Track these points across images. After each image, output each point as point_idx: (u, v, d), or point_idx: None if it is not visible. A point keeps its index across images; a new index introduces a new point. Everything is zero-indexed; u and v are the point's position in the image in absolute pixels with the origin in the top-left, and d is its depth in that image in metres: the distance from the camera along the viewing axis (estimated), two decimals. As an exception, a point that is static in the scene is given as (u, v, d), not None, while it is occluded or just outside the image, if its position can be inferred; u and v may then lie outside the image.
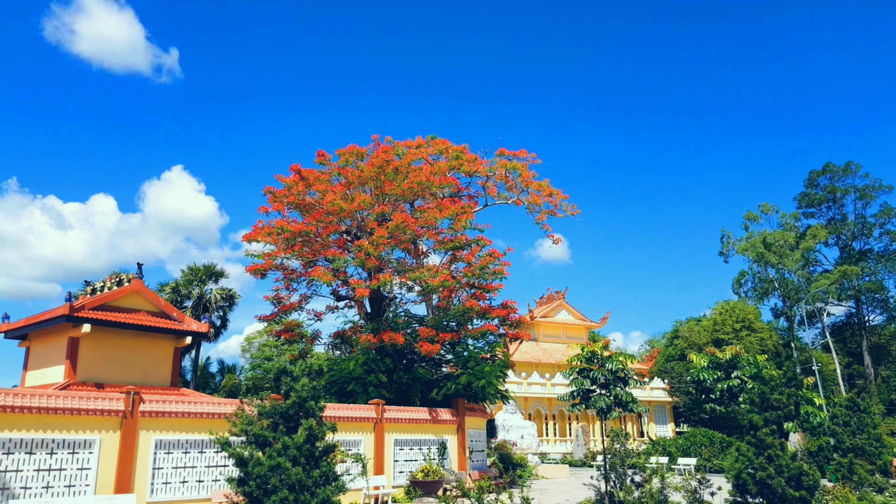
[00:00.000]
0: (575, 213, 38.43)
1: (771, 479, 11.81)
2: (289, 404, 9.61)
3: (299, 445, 9.19)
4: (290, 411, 9.64)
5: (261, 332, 59.94)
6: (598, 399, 14.51)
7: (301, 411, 9.67)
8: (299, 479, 8.73)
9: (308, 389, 9.70)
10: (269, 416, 9.83)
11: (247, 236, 28.37)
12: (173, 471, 18.55)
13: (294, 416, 9.71)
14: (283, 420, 9.75)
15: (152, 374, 24.23)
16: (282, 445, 9.15)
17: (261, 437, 9.30)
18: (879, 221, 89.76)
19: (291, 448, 9.09)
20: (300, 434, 9.31)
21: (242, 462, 9.32)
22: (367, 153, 29.97)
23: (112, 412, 17.41)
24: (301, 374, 9.97)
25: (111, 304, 23.72)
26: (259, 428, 9.48)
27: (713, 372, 16.14)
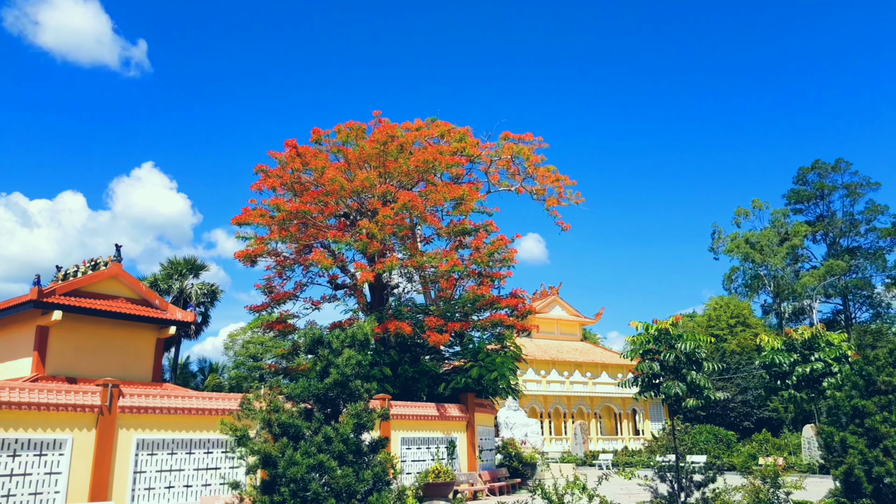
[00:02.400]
0: (579, 201, 36.48)
1: (890, 476, 9.91)
2: (328, 384, 7.42)
3: (346, 437, 7.04)
4: (331, 393, 7.45)
5: (244, 329, 57.33)
6: (670, 386, 12.50)
7: (344, 394, 7.51)
8: (348, 482, 6.58)
9: (352, 365, 7.53)
10: (302, 400, 7.62)
11: (236, 219, 26.01)
12: (157, 475, 16.21)
13: (334, 401, 7.55)
14: (319, 405, 7.59)
15: (132, 368, 21.80)
16: (323, 438, 6.96)
17: (292, 427, 7.11)
18: (866, 218, 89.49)
19: (336, 441, 6.91)
20: (346, 422, 7.15)
21: (270, 461, 7.10)
22: (366, 131, 27.75)
23: (86, 407, 15.05)
24: (341, 346, 7.82)
25: (86, 290, 21.26)
26: (289, 416, 7.31)
27: (788, 355, 14.43)
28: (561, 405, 57.63)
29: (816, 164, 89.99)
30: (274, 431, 7.49)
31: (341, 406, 7.53)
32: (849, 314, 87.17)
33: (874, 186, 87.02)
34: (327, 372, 7.63)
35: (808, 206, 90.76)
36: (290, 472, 6.57)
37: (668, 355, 12.53)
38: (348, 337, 7.86)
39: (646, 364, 13.08)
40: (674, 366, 12.60)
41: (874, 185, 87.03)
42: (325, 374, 7.68)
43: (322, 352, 7.74)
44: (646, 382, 13.54)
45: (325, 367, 7.66)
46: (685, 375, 12.56)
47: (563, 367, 59.67)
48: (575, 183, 35.06)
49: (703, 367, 12.77)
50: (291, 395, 7.68)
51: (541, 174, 34.56)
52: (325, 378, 7.53)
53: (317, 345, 7.94)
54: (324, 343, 7.93)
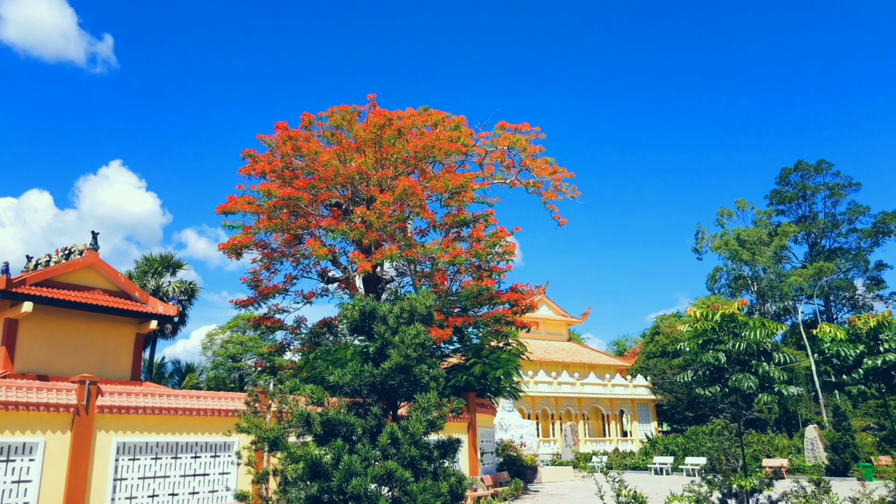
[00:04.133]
0: (575, 195, 35.31)
1: None
2: (386, 370, 5.96)
3: (417, 439, 5.59)
4: (391, 382, 5.98)
5: (223, 328, 55.38)
6: (741, 379, 11.18)
7: (407, 382, 6.07)
8: (426, 500, 5.14)
9: (415, 345, 6.08)
10: (352, 391, 6.10)
11: (221, 207, 24.36)
12: (140, 482, 14.60)
13: (393, 391, 6.08)
14: (375, 397, 6.14)
15: (109, 365, 20.08)
16: (389, 439, 5.50)
17: (343, 426, 5.62)
18: (848, 219, 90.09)
19: (405, 444, 5.45)
20: (416, 419, 5.68)
21: (320, 471, 5.59)
22: (359, 116, 26.23)
23: (61, 407, 13.42)
24: (396, 322, 6.36)
25: (59, 280, 19.53)
26: (336, 412, 5.82)
27: (854, 346, 13.29)
28: (549, 406, 56.47)
29: (799, 164, 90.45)
30: (315, 431, 6.02)
31: (400, 398, 6.10)
32: (830, 315, 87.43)
33: (856, 187, 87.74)
34: (384, 354, 6.11)
35: (791, 206, 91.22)
36: (352, 486, 5.07)
37: (738, 344, 11.27)
38: (406, 311, 6.43)
39: (710, 354, 11.76)
40: (738, 357, 11.36)
41: (856, 186, 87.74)
42: (381, 357, 6.16)
43: (377, 328, 6.25)
44: (707, 376, 12.24)
45: (380, 347, 6.14)
46: (755, 368, 11.31)
47: (550, 367, 58.56)
48: (573, 175, 33.81)
49: (772, 359, 11.53)
50: (337, 386, 6.17)
51: (538, 166, 33.28)
52: (383, 362, 6.05)
53: (367, 320, 6.48)
54: (377, 317, 6.45)
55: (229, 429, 14.14)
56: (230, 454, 16.31)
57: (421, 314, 6.36)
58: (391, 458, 5.51)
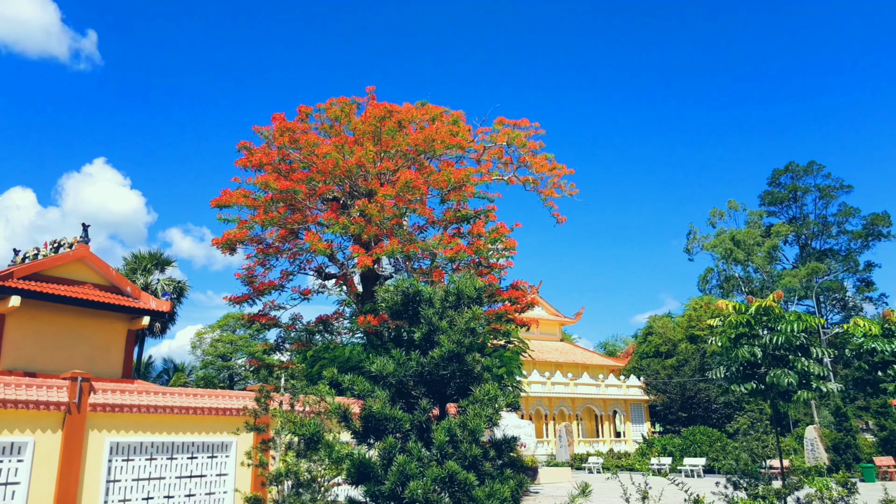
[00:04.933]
0: (573, 193, 34.86)
1: None
2: (436, 358, 5.35)
3: (477, 437, 4.99)
4: (443, 371, 5.37)
5: (212, 327, 54.57)
6: (780, 375, 10.65)
7: (459, 372, 5.46)
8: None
9: (465, 331, 5.48)
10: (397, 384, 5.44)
11: (216, 201, 23.66)
12: (134, 484, 13.94)
13: (443, 383, 5.47)
14: (424, 389, 5.52)
15: (99, 363, 19.34)
16: (447, 436, 4.89)
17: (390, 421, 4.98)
18: (838, 220, 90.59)
19: (465, 441, 4.85)
20: (476, 416, 5.04)
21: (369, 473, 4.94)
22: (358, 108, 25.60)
23: (51, 405, 12.73)
24: (441, 307, 5.75)
25: (48, 274, 18.78)
26: (382, 405, 5.19)
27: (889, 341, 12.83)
28: (542, 407, 56.04)
29: (790, 166, 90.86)
30: (353, 428, 5.42)
31: (450, 391, 5.49)
32: (821, 316, 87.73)
33: (846, 189, 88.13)
34: (431, 341, 5.52)
35: (782, 207, 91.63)
36: (409, 490, 4.46)
37: (776, 338, 10.77)
38: (452, 293, 5.82)
39: (745, 349, 11.24)
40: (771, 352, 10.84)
41: (846, 188, 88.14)
42: (428, 344, 5.57)
43: (425, 311, 5.64)
44: (740, 372, 11.75)
45: (427, 334, 5.55)
46: (793, 363, 10.82)
47: (543, 367, 58.14)
48: (573, 172, 33.27)
49: (810, 353, 11.04)
50: (380, 377, 5.52)
51: (537, 162, 32.77)
52: (430, 350, 5.45)
53: (411, 303, 5.86)
54: (422, 300, 5.83)
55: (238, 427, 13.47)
56: (228, 454, 15.66)
57: (469, 296, 5.77)
58: (449, 457, 4.92)
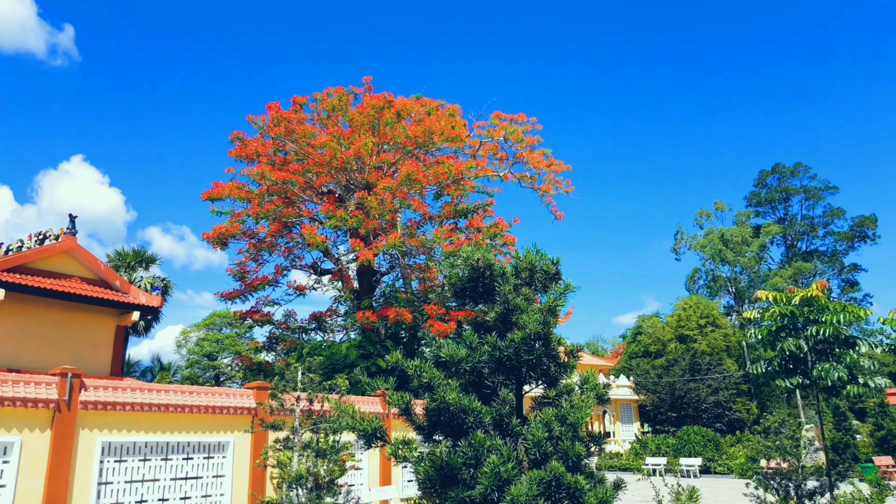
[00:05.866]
0: (569, 190, 34.44)
1: None
2: (517, 340, 4.66)
3: (577, 431, 4.35)
4: (523, 357, 4.71)
5: (198, 326, 53.51)
6: (828, 369, 10.12)
7: (546, 356, 4.80)
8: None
9: (550, 311, 4.83)
10: (471, 371, 4.75)
11: (207, 193, 22.89)
12: (127, 486, 13.19)
13: (525, 368, 4.79)
14: (502, 377, 4.84)
15: (87, 359, 18.53)
16: (544, 429, 4.24)
17: (466, 413, 4.32)
18: (824, 222, 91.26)
19: (566, 437, 4.13)
20: (575, 406, 4.35)
21: (455, 477, 4.22)
22: (354, 99, 24.93)
23: (40, 402, 11.97)
24: (516, 283, 5.07)
25: (34, 267, 17.95)
26: (458, 395, 4.50)
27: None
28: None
29: (777, 167, 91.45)
30: (416, 422, 4.79)
31: (530, 379, 4.84)
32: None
33: (832, 190, 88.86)
34: (508, 322, 4.90)
35: (768, 208, 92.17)
36: (512, 497, 3.75)
37: (823, 330, 10.25)
38: (525, 269, 5.16)
39: (791, 342, 10.70)
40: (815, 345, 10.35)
41: (832, 189, 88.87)
42: (504, 324, 4.94)
43: (502, 287, 4.95)
44: (782, 366, 11.22)
45: (503, 313, 4.91)
46: (840, 356, 10.32)
47: (534, 367, 57.75)
48: (570, 168, 32.87)
49: (857, 347, 10.55)
50: (451, 363, 4.84)
51: (534, 158, 32.31)
52: (509, 332, 4.81)
53: (481, 279, 5.18)
54: (494, 274, 5.14)
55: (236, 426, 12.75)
56: (225, 455, 14.95)
57: (547, 272, 5.16)
58: (548, 456, 4.29)
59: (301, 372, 10.68)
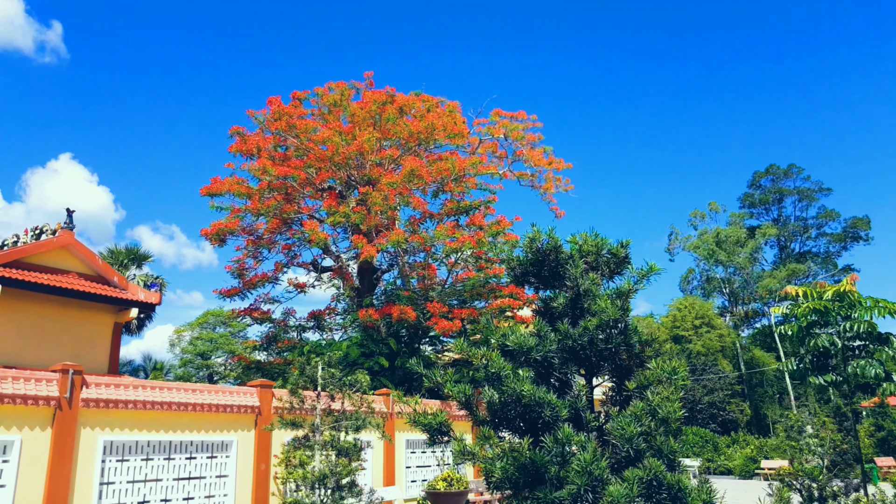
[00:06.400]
0: (568, 188, 34.21)
1: None
2: (593, 327, 4.28)
3: (670, 426, 4.03)
4: (600, 345, 4.36)
5: (192, 325, 52.98)
6: (864, 366, 9.86)
7: (623, 345, 4.45)
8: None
9: (626, 295, 4.49)
10: (541, 362, 4.36)
11: (206, 189, 22.52)
12: (129, 486, 12.83)
13: (600, 358, 4.42)
14: (575, 367, 4.48)
15: (84, 357, 18.10)
16: (636, 425, 3.89)
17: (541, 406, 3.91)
18: (817, 223, 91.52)
19: (658, 433, 3.81)
20: (666, 398, 4.04)
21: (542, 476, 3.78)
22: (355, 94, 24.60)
23: (40, 400, 11.60)
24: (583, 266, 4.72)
25: (30, 262, 17.54)
26: (532, 385, 4.07)
27: None
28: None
29: (770, 168, 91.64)
30: (478, 417, 4.49)
31: (599, 367, 4.54)
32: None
33: (826, 192, 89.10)
34: (580, 308, 4.59)
35: (761, 209, 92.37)
36: (611, 497, 3.45)
37: (856, 326, 10.03)
38: (591, 252, 4.82)
39: (823, 338, 10.45)
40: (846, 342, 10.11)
41: (826, 191, 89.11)
42: (575, 311, 4.63)
43: (572, 270, 4.60)
44: (813, 362, 10.96)
45: (573, 299, 4.59)
46: (874, 352, 10.09)
47: (530, 367, 57.54)
48: (570, 166, 32.60)
49: (891, 343, 10.31)
50: (519, 352, 4.53)
51: (535, 156, 32.04)
52: (581, 319, 4.48)
53: (547, 261, 4.82)
54: (562, 257, 4.77)
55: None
56: (228, 454, 14.60)
57: (615, 255, 4.85)
58: (641, 454, 3.97)
59: (321, 367, 10.33)
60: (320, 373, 10.58)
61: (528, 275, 5.10)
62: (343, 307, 26.54)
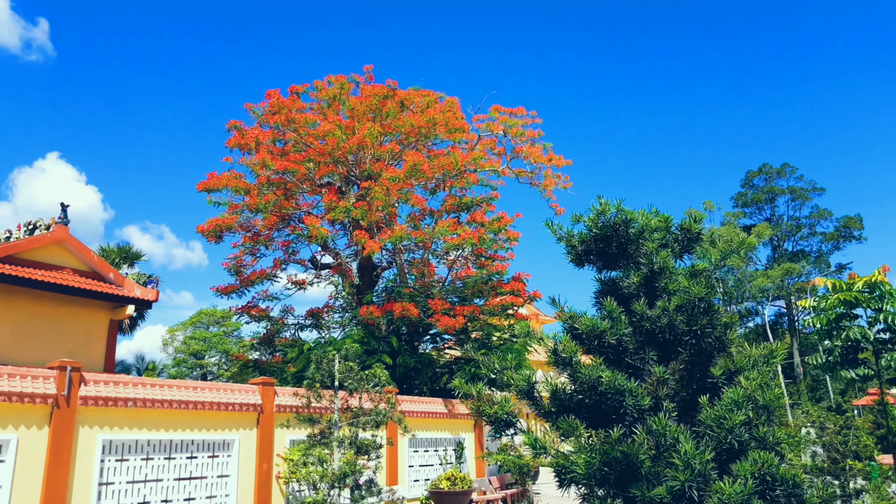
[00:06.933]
0: (567, 186, 33.92)
1: None
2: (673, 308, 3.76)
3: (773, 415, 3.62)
4: (679, 327, 3.93)
5: (185, 324, 52.45)
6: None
7: (710, 327, 4.07)
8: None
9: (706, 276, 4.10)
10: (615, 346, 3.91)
11: (203, 184, 22.09)
12: (129, 487, 12.44)
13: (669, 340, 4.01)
14: (654, 352, 4.02)
15: (80, 355, 17.64)
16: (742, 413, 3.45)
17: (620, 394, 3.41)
18: (810, 222, 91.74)
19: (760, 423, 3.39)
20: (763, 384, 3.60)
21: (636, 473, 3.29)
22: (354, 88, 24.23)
23: (37, 397, 11.20)
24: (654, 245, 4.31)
25: (23, 257, 17.10)
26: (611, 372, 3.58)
27: None
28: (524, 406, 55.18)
29: (763, 168, 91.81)
30: (543, 408, 4.13)
31: (677, 352, 4.17)
32: (792, 317, 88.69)
33: (819, 191, 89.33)
34: (654, 287, 4.36)
35: (754, 209, 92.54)
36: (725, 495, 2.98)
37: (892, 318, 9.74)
38: (659, 227, 4.48)
39: (855, 329, 10.16)
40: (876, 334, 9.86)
41: (819, 190, 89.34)
42: (650, 291, 4.33)
43: (647, 245, 4.24)
44: (843, 356, 10.68)
45: (647, 277, 4.26)
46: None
47: (525, 366, 57.31)
48: (570, 163, 32.29)
49: None
50: (593, 334, 4.15)
51: (534, 153, 31.74)
52: (657, 300, 4.15)
53: (611, 239, 4.46)
54: (632, 232, 4.41)
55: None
56: (230, 454, 14.22)
57: (690, 231, 4.53)
58: (745, 445, 3.62)
59: (338, 360, 9.97)
60: (337, 366, 10.21)
61: (591, 253, 4.75)
62: (341, 305, 26.19)
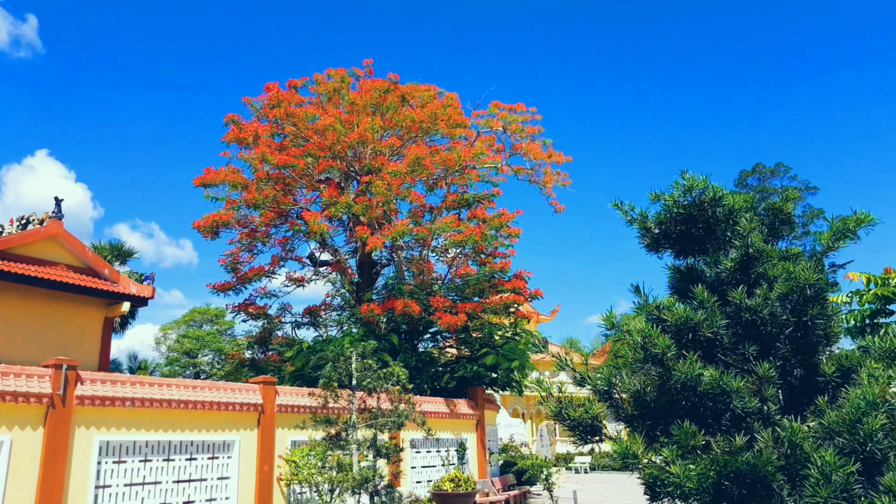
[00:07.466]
0: (566, 184, 33.63)
1: None
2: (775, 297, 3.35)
3: None
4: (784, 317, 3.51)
5: (178, 322, 51.85)
6: None
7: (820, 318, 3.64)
8: None
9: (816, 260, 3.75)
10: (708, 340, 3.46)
11: (199, 179, 21.66)
12: (126, 489, 12.01)
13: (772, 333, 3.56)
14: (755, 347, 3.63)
15: (74, 352, 17.12)
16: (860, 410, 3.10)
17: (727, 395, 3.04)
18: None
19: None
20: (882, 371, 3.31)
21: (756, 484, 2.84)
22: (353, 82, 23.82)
23: (31, 397, 10.76)
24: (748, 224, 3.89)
25: (15, 252, 16.60)
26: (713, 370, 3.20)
27: None
28: (520, 406, 54.82)
29: (757, 167, 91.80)
30: (626, 412, 3.66)
31: (782, 341, 3.78)
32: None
33: (812, 191, 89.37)
34: (750, 274, 3.94)
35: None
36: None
37: None
38: (747, 207, 4.12)
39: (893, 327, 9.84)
40: None
41: (812, 190, 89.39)
42: (746, 278, 3.92)
43: (743, 225, 3.85)
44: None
45: (742, 262, 3.81)
46: None
47: (521, 365, 56.95)
48: (570, 160, 31.99)
49: None
50: (684, 327, 3.73)
51: (533, 150, 31.42)
52: (753, 288, 3.74)
53: (702, 216, 4.07)
54: (720, 212, 3.97)
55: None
56: (230, 455, 13.82)
57: (781, 212, 4.17)
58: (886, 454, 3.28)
59: (356, 358, 9.57)
60: (355, 364, 9.80)
61: (670, 236, 4.34)
62: (339, 303, 25.79)
